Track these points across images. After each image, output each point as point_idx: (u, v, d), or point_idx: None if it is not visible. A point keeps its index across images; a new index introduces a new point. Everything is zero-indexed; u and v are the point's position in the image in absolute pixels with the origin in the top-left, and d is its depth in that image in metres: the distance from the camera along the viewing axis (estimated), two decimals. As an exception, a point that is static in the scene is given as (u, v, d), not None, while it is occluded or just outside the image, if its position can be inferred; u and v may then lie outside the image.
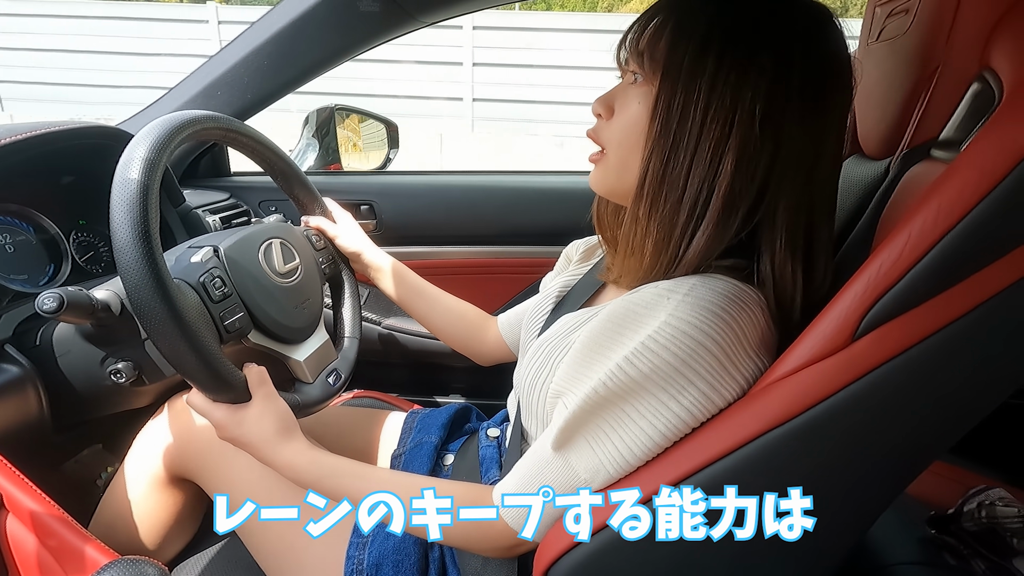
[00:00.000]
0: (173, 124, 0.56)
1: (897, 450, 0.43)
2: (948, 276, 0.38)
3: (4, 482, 0.55)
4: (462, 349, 0.86)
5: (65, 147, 0.77)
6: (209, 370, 0.53)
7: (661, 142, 0.48)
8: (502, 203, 1.17)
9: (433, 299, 0.85)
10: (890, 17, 0.59)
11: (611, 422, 0.46)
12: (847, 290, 0.41)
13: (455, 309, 0.85)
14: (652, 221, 0.49)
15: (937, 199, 0.39)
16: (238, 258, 0.65)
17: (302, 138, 1.30)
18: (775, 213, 0.48)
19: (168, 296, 0.50)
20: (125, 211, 0.50)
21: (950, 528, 0.72)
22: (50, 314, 0.53)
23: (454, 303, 0.85)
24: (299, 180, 0.80)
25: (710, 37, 0.46)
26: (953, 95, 0.52)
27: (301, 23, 0.92)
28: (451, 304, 0.85)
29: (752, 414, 0.43)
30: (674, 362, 0.43)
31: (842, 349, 0.41)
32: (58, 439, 0.72)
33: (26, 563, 0.54)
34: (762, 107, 0.46)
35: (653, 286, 0.48)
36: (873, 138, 0.62)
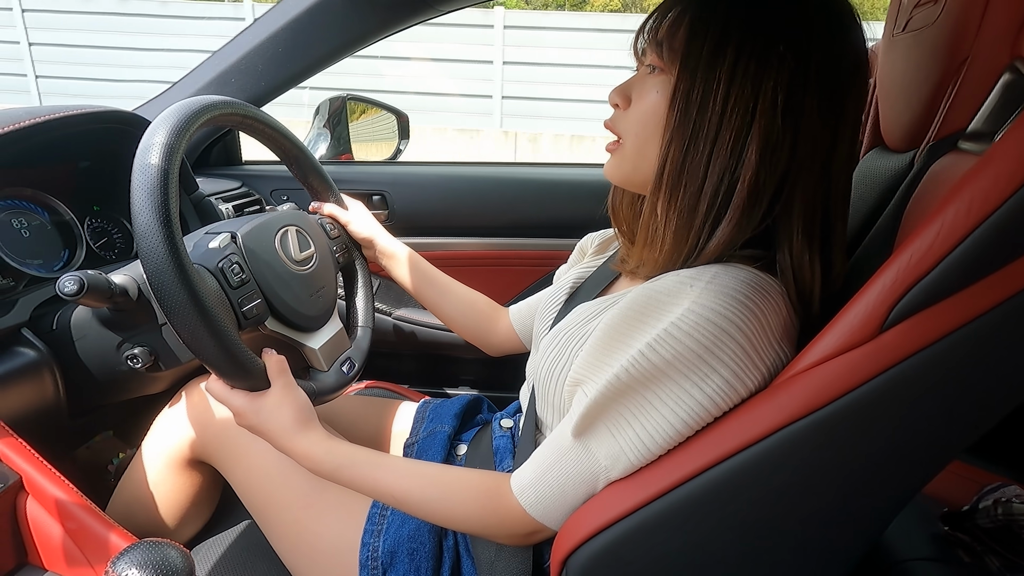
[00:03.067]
0: (191, 109, 0.56)
1: (923, 443, 0.42)
2: (980, 267, 0.38)
3: (24, 465, 0.55)
4: (472, 339, 0.86)
5: (81, 131, 0.77)
6: (229, 356, 0.53)
7: (680, 131, 0.48)
8: (514, 195, 1.16)
9: (445, 288, 0.84)
10: (917, 8, 0.58)
11: (632, 409, 0.46)
12: (875, 280, 0.41)
13: (466, 298, 0.85)
14: (671, 211, 0.49)
15: (970, 190, 0.38)
16: (255, 245, 0.65)
17: (313, 128, 1.29)
18: (792, 204, 0.48)
19: (189, 281, 0.50)
20: (146, 196, 0.50)
21: (964, 525, 0.72)
22: (70, 296, 0.53)
23: (466, 292, 0.85)
24: (313, 168, 0.79)
25: (729, 27, 0.46)
26: (982, 86, 0.52)
27: (317, 11, 0.91)
28: (463, 293, 0.85)
29: (776, 405, 0.43)
30: (697, 349, 0.43)
31: (870, 340, 0.40)
32: (73, 424, 0.73)
33: (46, 545, 0.55)
34: (783, 97, 0.46)
35: (675, 274, 0.48)
36: (897, 130, 0.61)
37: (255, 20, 0.96)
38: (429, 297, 0.84)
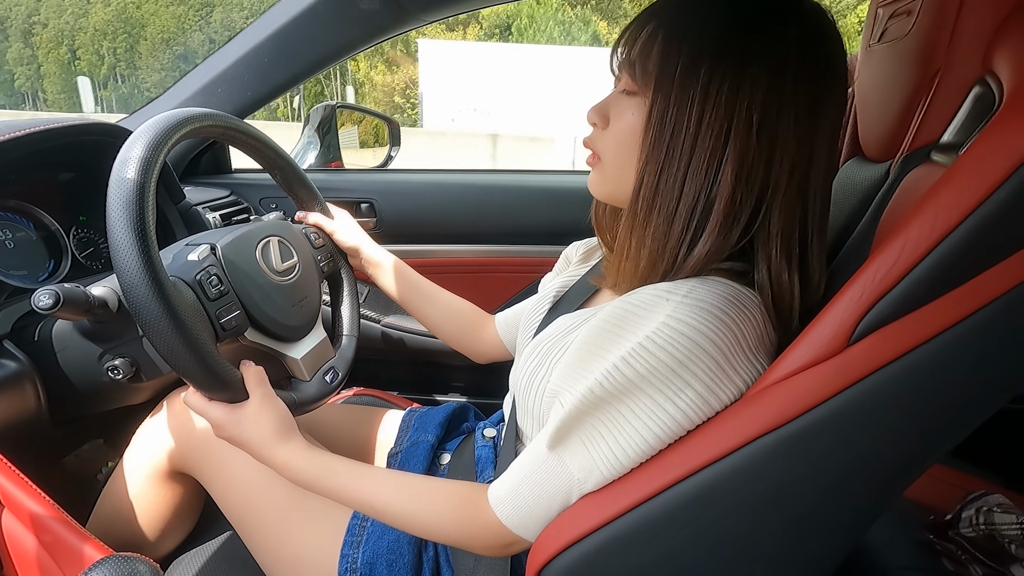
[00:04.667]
0: (169, 122, 0.56)
1: (893, 455, 0.42)
2: (945, 280, 0.38)
3: (1, 479, 0.55)
4: (459, 346, 0.86)
5: (65, 143, 0.77)
6: (205, 368, 0.53)
7: (655, 154, 0.48)
8: (502, 202, 1.17)
9: (431, 296, 0.85)
10: (892, 19, 0.59)
11: (606, 422, 0.46)
12: (843, 294, 0.41)
13: (453, 306, 0.85)
14: (647, 231, 0.49)
15: (934, 203, 0.38)
16: (235, 256, 0.65)
17: (303, 136, 1.30)
18: (770, 221, 0.48)
19: (164, 294, 0.50)
20: (121, 210, 0.50)
21: (948, 534, 0.72)
22: (46, 310, 0.53)
23: (452, 300, 0.86)
24: (298, 177, 0.80)
25: (702, 47, 0.46)
26: (954, 98, 0.52)
27: (302, 21, 0.92)
28: (449, 301, 0.85)
29: (747, 418, 0.43)
30: (671, 363, 0.43)
31: (838, 353, 0.40)
32: (56, 434, 0.72)
33: (22, 560, 0.54)
34: (758, 116, 0.46)
35: (652, 287, 0.48)
36: (874, 140, 0.62)
37: (241, 30, 0.96)
38: (416, 305, 0.84)
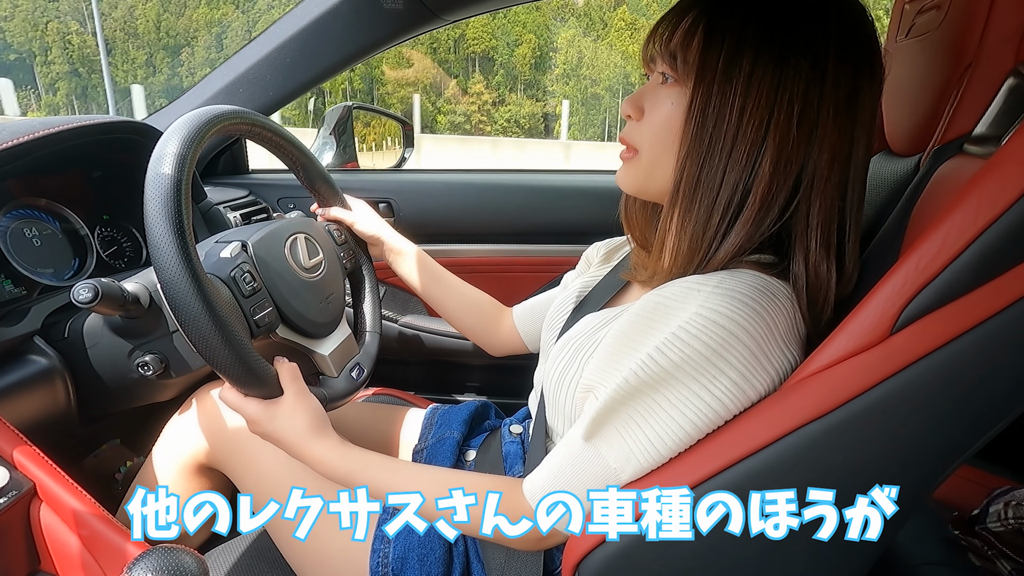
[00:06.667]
0: (202, 119, 0.57)
1: (933, 445, 0.42)
2: (990, 269, 0.38)
3: (38, 472, 0.55)
4: (475, 338, 0.87)
5: (93, 142, 0.77)
6: (243, 365, 0.54)
7: (696, 146, 0.48)
8: (520, 201, 1.17)
9: (450, 286, 0.86)
10: (920, 14, 0.59)
11: (642, 412, 0.46)
12: (885, 283, 0.41)
13: (471, 297, 0.86)
14: (687, 223, 0.49)
15: (977, 193, 0.39)
16: (265, 253, 0.65)
17: (319, 137, 1.31)
18: (809, 212, 0.48)
19: (203, 291, 0.50)
20: (160, 206, 0.50)
21: (974, 529, 0.71)
22: (85, 304, 0.53)
23: (471, 291, 0.87)
24: (320, 175, 0.80)
25: (744, 37, 0.46)
26: (986, 91, 0.52)
27: (324, 21, 0.92)
28: (468, 292, 0.86)
29: (788, 408, 0.43)
30: (705, 351, 0.43)
31: (880, 343, 0.40)
32: (83, 432, 0.73)
33: (60, 553, 0.55)
34: (799, 107, 0.46)
35: (682, 280, 0.48)
36: (902, 135, 0.62)
37: (263, 31, 0.97)
38: (435, 294, 0.85)
